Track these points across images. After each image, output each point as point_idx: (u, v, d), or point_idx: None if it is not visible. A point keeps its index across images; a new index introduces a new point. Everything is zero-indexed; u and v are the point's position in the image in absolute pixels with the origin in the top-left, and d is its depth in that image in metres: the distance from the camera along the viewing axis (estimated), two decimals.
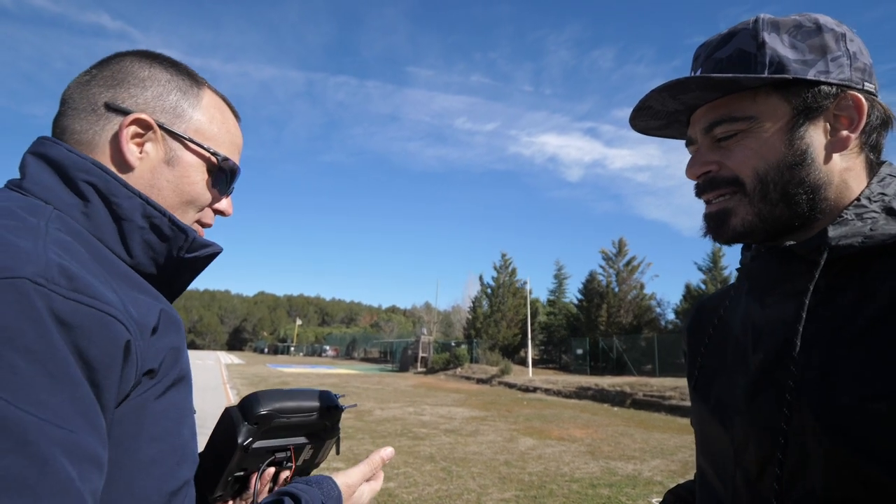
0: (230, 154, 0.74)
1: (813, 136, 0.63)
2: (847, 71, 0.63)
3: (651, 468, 6.48)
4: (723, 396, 0.70)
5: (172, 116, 0.68)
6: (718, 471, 0.70)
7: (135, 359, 0.51)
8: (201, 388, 15.68)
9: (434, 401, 14.25)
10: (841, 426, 0.54)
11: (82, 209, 0.60)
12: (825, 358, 0.58)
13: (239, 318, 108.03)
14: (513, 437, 8.58)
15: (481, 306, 37.24)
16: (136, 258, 0.63)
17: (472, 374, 24.52)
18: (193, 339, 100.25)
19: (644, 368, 24.55)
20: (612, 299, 31.03)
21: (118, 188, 0.61)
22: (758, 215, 0.65)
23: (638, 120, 0.75)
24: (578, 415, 11.83)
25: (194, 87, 0.71)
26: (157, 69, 0.68)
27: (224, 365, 32.03)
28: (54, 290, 0.45)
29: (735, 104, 0.65)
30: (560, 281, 39.52)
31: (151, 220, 0.63)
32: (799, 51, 0.63)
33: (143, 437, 0.54)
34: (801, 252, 0.63)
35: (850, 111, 0.63)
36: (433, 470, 6.11)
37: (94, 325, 0.47)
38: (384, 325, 63.34)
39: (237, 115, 0.79)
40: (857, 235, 0.60)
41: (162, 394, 0.57)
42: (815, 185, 0.63)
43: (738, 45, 0.65)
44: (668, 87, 0.65)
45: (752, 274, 0.71)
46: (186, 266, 0.69)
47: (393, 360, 39.66)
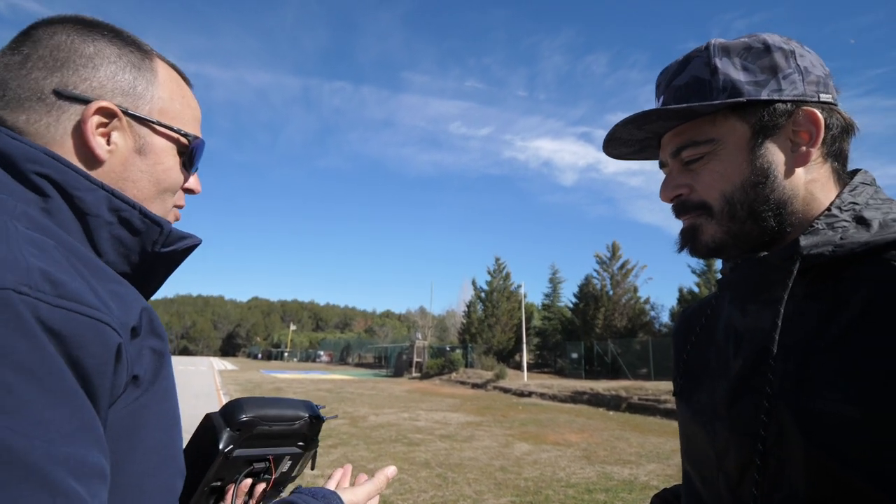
0: (194, 129, 0.69)
1: (774, 154, 0.65)
2: (800, 86, 0.64)
3: (647, 472, 6.47)
4: (705, 402, 0.71)
5: (133, 98, 0.61)
6: (702, 475, 0.71)
7: (125, 364, 0.48)
8: (194, 395, 15.53)
9: (429, 406, 14.19)
10: (817, 432, 0.55)
11: (41, 205, 0.53)
12: (801, 365, 0.59)
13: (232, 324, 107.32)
14: (508, 442, 8.55)
15: (476, 311, 37.20)
16: (106, 256, 0.58)
17: (466, 378, 24.46)
18: (186, 344, 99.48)
19: (639, 372, 24.58)
20: (607, 303, 31.09)
21: (78, 180, 0.55)
22: (727, 233, 0.67)
23: (611, 149, 0.78)
24: (574, 419, 11.82)
25: (146, 59, 0.64)
26: (101, 43, 0.60)
27: (217, 371, 31.74)
28: (40, 298, 0.42)
29: (697, 129, 0.68)
30: (555, 285, 39.57)
31: (119, 213, 0.57)
32: (751, 72, 0.65)
33: (137, 451, 0.51)
34: (775, 261, 0.65)
35: (808, 125, 0.64)
36: (428, 476, 6.06)
37: (86, 333, 0.44)
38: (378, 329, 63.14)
39: (189, 83, 0.72)
40: (828, 244, 0.61)
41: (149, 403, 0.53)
42: (779, 202, 0.65)
43: (693, 72, 0.67)
44: (631, 119, 0.68)
45: (732, 283, 0.73)
46: (162, 261, 0.63)
47: (387, 365, 39.51)
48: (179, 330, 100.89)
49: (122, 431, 0.50)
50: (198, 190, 0.73)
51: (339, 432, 9.06)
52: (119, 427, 0.50)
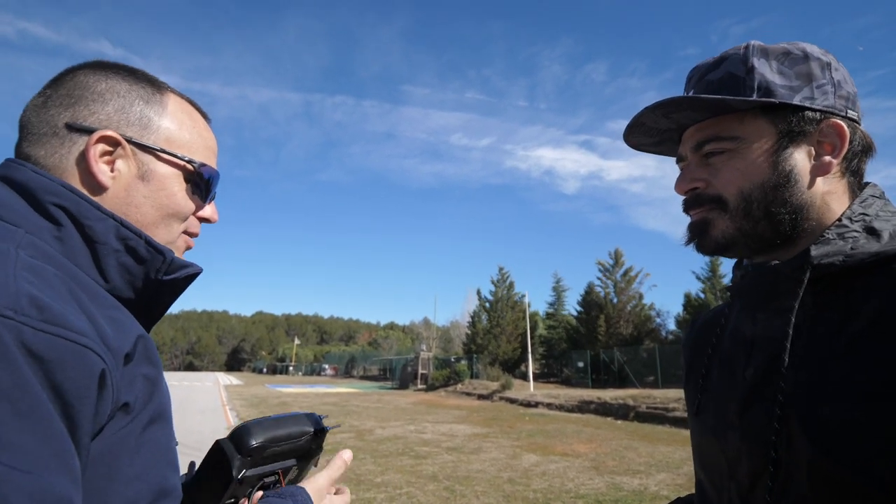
0: (205, 159, 0.71)
1: (797, 159, 0.65)
2: (831, 98, 0.65)
3: (657, 482, 6.39)
4: (717, 411, 0.72)
5: (139, 128, 0.64)
6: (714, 483, 0.71)
7: (110, 390, 0.48)
8: (200, 410, 15.49)
9: (435, 418, 14.10)
10: (826, 439, 0.55)
11: (54, 233, 0.57)
12: (811, 373, 0.60)
13: (237, 339, 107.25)
14: (516, 453, 8.47)
15: (480, 321, 37.07)
16: (111, 282, 0.60)
17: (472, 389, 24.32)
18: (192, 360, 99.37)
19: (646, 380, 24.37)
20: (612, 311, 30.94)
21: (90, 210, 0.58)
22: (739, 230, 0.67)
23: (631, 136, 0.78)
24: (581, 429, 11.71)
25: (157, 93, 0.67)
26: (114, 80, 0.64)
27: (223, 386, 31.66)
28: (24, 322, 0.43)
29: (724, 125, 0.67)
30: (559, 293, 39.43)
31: (126, 241, 0.60)
32: (786, 77, 0.65)
33: (119, 478, 0.51)
34: (786, 270, 0.65)
35: (833, 137, 0.65)
36: (436, 489, 6.01)
37: (68, 357, 0.44)
38: (383, 342, 62.94)
39: (207, 118, 0.75)
40: (839, 254, 0.62)
41: (137, 431, 0.54)
42: (797, 206, 0.65)
43: (728, 68, 0.68)
44: (661, 105, 0.68)
45: (743, 292, 0.73)
46: (165, 288, 0.66)
47: (392, 377, 39.35)
48: (185, 345, 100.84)
49: (108, 458, 0.50)
50: (214, 219, 0.75)
51: (346, 446, 8.99)
52: (105, 453, 0.50)
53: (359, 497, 5.64)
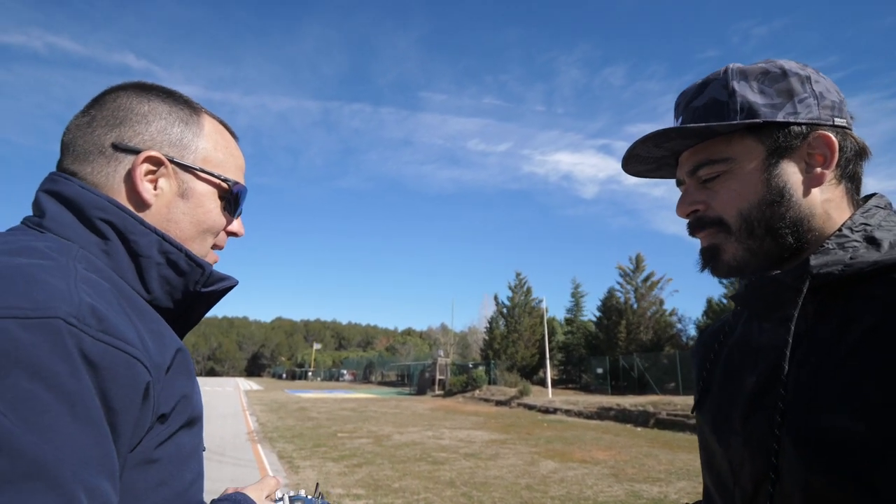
0: (236, 177, 0.75)
1: (789, 174, 0.67)
2: (815, 110, 0.67)
3: (677, 490, 6.30)
4: (722, 418, 0.74)
5: (179, 148, 0.68)
6: (720, 488, 0.73)
7: (151, 402, 0.52)
8: (221, 415, 15.71)
9: (453, 424, 14.08)
10: (820, 452, 0.56)
11: (102, 247, 0.60)
12: (811, 382, 0.61)
13: (257, 344, 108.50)
14: (534, 460, 8.42)
15: (497, 326, 36.92)
16: (153, 294, 0.64)
17: (490, 395, 24.20)
18: (213, 365, 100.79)
19: (667, 387, 23.95)
20: (632, 316, 30.52)
21: (135, 225, 0.62)
22: (748, 250, 0.69)
23: (629, 167, 0.81)
24: (601, 436, 11.58)
25: (194, 115, 0.71)
26: (155, 102, 0.68)
27: (243, 391, 32.07)
28: (85, 331, 0.46)
29: (714, 148, 0.70)
30: (577, 299, 39.07)
31: (168, 255, 0.64)
32: (767, 95, 0.67)
33: (149, 484, 0.54)
34: (787, 280, 0.66)
35: (823, 148, 0.67)
36: (453, 495, 6.01)
37: (120, 368, 0.47)
38: (400, 347, 63.00)
39: (236, 136, 0.79)
40: (838, 264, 0.63)
41: (168, 438, 0.56)
42: (796, 220, 0.67)
43: (711, 94, 0.70)
44: (650, 137, 0.72)
45: (746, 301, 0.75)
46: (202, 300, 0.70)
47: (410, 382, 39.34)
48: (206, 351, 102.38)
49: (142, 466, 0.53)
50: (241, 233, 0.79)
51: (364, 451, 9.05)
52: (141, 462, 0.53)
53: (377, 502, 5.68)
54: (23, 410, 0.41)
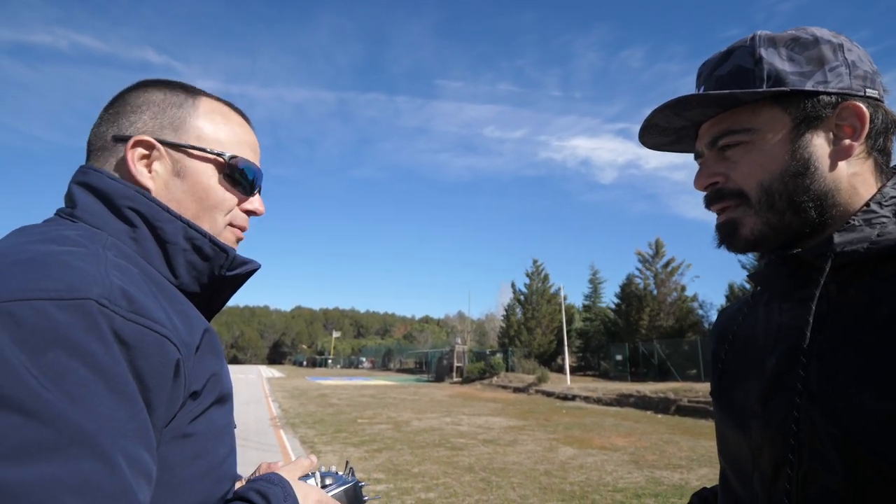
0: (242, 153, 0.74)
1: (816, 145, 0.64)
2: (846, 80, 0.63)
3: (699, 477, 6.24)
4: (740, 401, 0.71)
5: (172, 130, 0.69)
6: (738, 473, 0.71)
7: (183, 379, 0.54)
8: (244, 402, 16.08)
9: (471, 410, 14.17)
10: (850, 428, 0.55)
11: (131, 234, 0.63)
12: (834, 362, 0.59)
13: (278, 333, 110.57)
14: (552, 446, 8.43)
15: (515, 314, 36.93)
16: (181, 279, 0.66)
17: (508, 382, 24.26)
18: (236, 354, 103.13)
19: (688, 373, 23.68)
20: (652, 303, 30.17)
21: (161, 213, 0.64)
22: (766, 224, 0.66)
23: (647, 138, 0.78)
24: (620, 423, 11.53)
25: (189, 98, 0.72)
26: (150, 93, 0.70)
27: (266, 379, 32.75)
28: (116, 312, 0.48)
29: (737, 118, 0.67)
30: (595, 286, 38.75)
31: (193, 241, 0.66)
32: (796, 63, 0.64)
33: (185, 458, 0.57)
34: (808, 259, 0.64)
35: (853, 119, 0.63)
36: (472, 480, 6.06)
37: (151, 346, 0.50)
38: (418, 335, 63.57)
39: (246, 117, 0.79)
40: (864, 241, 0.60)
41: (201, 414, 0.59)
42: (821, 193, 0.64)
43: (736, 61, 0.67)
44: (670, 105, 0.68)
45: (767, 281, 0.73)
46: (227, 283, 0.71)
47: (428, 370, 39.67)
48: (229, 340, 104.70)
49: (177, 441, 0.56)
50: (260, 211, 0.78)
51: (384, 437, 9.17)
52: (177, 437, 0.56)
53: (396, 486, 5.75)
54: (64, 385, 0.44)
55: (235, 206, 0.74)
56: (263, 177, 0.81)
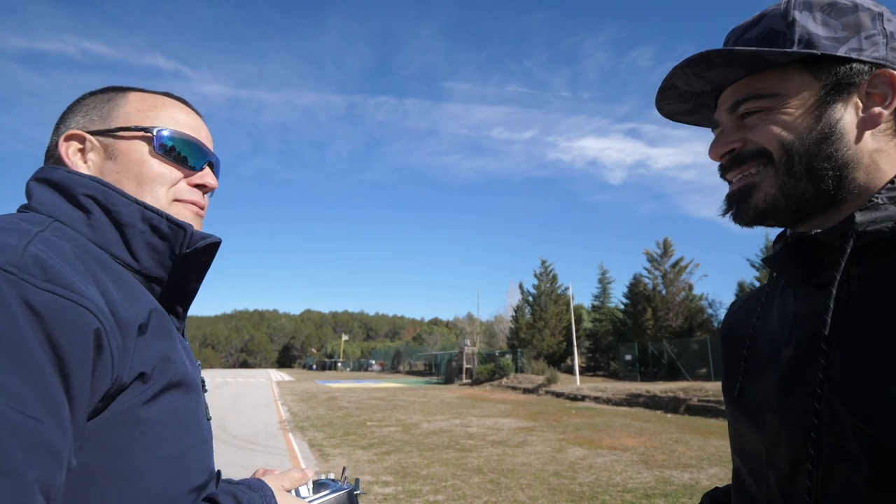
0: (172, 126, 0.73)
1: (843, 113, 0.61)
2: (882, 50, 0.60)
3: (709, 476, 6.19)
4: (754, 395, 0.68)
5: (100, 121, 0.72)
6: (752, 471, 0.68)
7: (109, 353, 0.51)
8: (254, 405, 16.17)
9: (480, 412, 14.14)
10: (882, 420, 0.51)
11: (85, 221, 0.64)
12: (858, 350, 0.55)
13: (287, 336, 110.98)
14: (562, 447, 8.40)
15: (524, 315, 36.79)
16: (142, 262, 0.66)
17: (517, 384, 24.19)
18: (246, 357, 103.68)
19: (698, 372, 23.50)
20: (660, 302, 29.95)
21: (116, 197, 0.65)
22: (781, 188, 0.63)
23: (664, 102, 0.74)
24: (630, 423, 11.45)
25: (118, 94, 0.74)
26: (86, 98, 0.74)
27: (275, 382, 32.90)
28: (26, 280, 0.47)
29: (763, 82, 0.63)
30: (604, 286, 38.52)
31: (150, 222, 0.66)
32: (831, 28, 0.61)
33: (136, 445, 0.55)
34: (828, 240, 0.61)
35: (885, 87, 0.60)
36: (481, 482, 6.05)
37: (65, 315, 0.47)
38: (427, 337, 63.51)
39: (186, 103, 0.79)
40: (888, 220, 0.57)
41: (151, 399, 0.56)
42: (843, 162, 0.60)
43: (767, 24, 0.64)
44: (692, 61, 0.64)
45: (783, 266, 0.69)
46: (191, 263, 0.70)
47: (437, 372, 39.65)
48: (239, 344, 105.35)
49: (124, 427, 0.54)
50: (211, 185, 0.78)
51: (393, 439, 9.18)
52: (123, 422, 0.54)
53: (405, 489, 5.76)
54: None
55: (181, 181, 0.74)
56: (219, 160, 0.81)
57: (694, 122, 0.78)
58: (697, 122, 0.77)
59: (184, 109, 0.78)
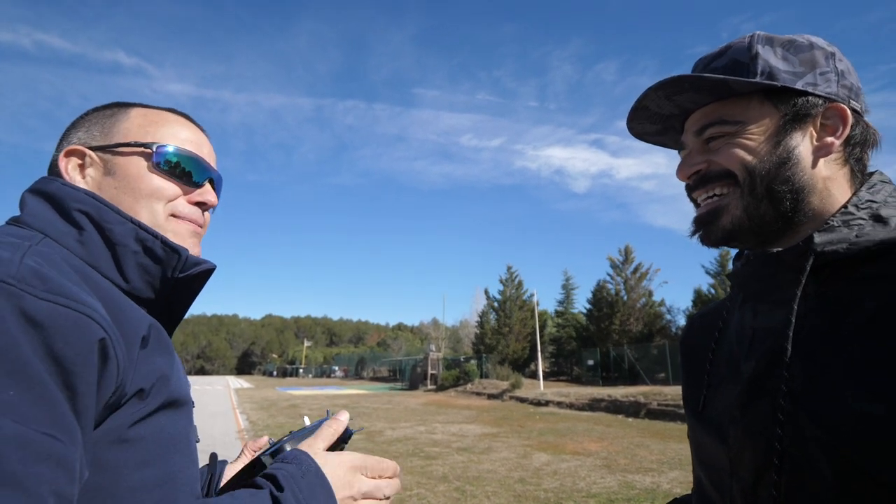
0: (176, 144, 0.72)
1: (799, 141, 0.66)
2: (834, 86, 0.66)
3: (670, 480, 6.33)
4: (718, 407, 0.70)
5: (101, 137, 0.71)
6: (714, 482, 0.70)
7: (115, 364, 0.50)
8: (211, 414, 15.58)
9: (445, 418, 14.09)
10: (844, 431, 0.54)
11: (77, 237, 0.61)
12: (818, 364, 0.58)
13: (247, 342, 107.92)
14: (526, 453, 8.43)
15: (489, 321, 37.01)
16: (132, 283, 0.64)
17: (482, 389, 24.28)
18: (203, 364, 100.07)
19: (657, 377, 24.17)
20: (622, 308, 30.75)
21: (110, 214, 0.63)
22: (745, 210, 0.67)
23: (635, 122, 0.77)
24: (592, 427, 11.65)
25: (121, 110, 0.74)
26: (90, 114, 0.73)
27: (233, 390, 31.86)
28: (26, 290, 0.45)
29: (727, 108, 0.68)
30: (568, 292, 39.29)
31: (144, 243, 0.64)
32: (790, 63, 0.66)
33: (129, 463, 0.53)
34: (788, 258, 0.64)
35: (836, 120, 0.66)
36: (447, 490, 5.99)
37: (68, 324, 0.46)
38: (392, 343, 63.05)
39: (190, 119, 0.78)
40: (843, 242, 0.61)
41: (146, 417, 0.55)
42: (799, 186, 0.65)
43: (732, 56, 0.69)
44: (663, 84, 0.68)
45: (743, 282, 0.73)
46: (183, 286, 0.69)
47: (402, 378, 39.39)
48: (195, 350, 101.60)
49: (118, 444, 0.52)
50: (210, 202, 0.76)
51: (356, 448, 8.90)
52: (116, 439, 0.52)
53: None
54: None
55: (179, 197, 0.72)
56: (221, 177, 0.80)
57: (661, 143, 0.82)
58: (664, 144, 0.82)
59: (186, 125, 0.77)
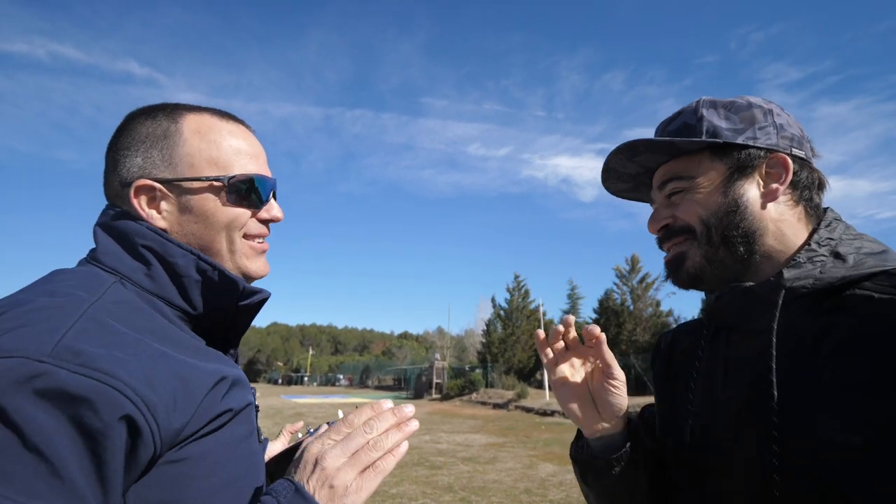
0: (238, 164, 0.73)
1: (746, 189, 0.73)
2: (774, 138, 0.73)
3: None
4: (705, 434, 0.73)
5: (164, 166, 0.70)
6: None
7: (148, 431, 0.51)
8: None
9: (450, 428, 13.98)
10: (821, 459, 0.57)
11: (145, 272, 0.66)
12: (791, 395, 0.62)
13: (252, 350, 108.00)
14: (532, 463, 8.34)
15: (495, 329, 36.84)
16: (197, 310, 0.69)
17: (487, 399, 24.11)
18: None
19: None
20: (628, 318, 30.53)
21: (173, 248, 0.67)
22: (705, 257, 0.74)
23: (608, 183, 0.87)
24: None
25: (172, 125, 0.72)
26: (134, 131, 0.72)
27: None
28: (60, 366, 0.48)
29: (681, 166, 0.76)
30: (574, 301, 39.05)
31: (205, 273, 0.68)
32: (732, 121, 0.74)
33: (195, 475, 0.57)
34: (760, 292, 0.70)
35: (778, 168, 0.73)
36: (452, 500, 5.92)
37: (97, 397, 0.49)
38: (397, 351, 62.84)
39: (237, 119, 0.78)
40: (809, 277, 0.67)
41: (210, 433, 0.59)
42: (749, 231, 0.72)
43: (683, 119, 0.78)
44: (620, 149, 0.78)
45: (717, 314, 0.78)
46: (241, 312, 0.73)
47: (407, 387, 39.20)
48: None
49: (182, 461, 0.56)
50: (279, 217, 0.79)
51: None
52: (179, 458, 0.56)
53: None
54: None
55: (249, 219, 0.75)
56: (276, 180, 0.80)
57: (637, 199, 0.90)
58: (640, 199, 0.90)
59: (240, 133, 0.77)
